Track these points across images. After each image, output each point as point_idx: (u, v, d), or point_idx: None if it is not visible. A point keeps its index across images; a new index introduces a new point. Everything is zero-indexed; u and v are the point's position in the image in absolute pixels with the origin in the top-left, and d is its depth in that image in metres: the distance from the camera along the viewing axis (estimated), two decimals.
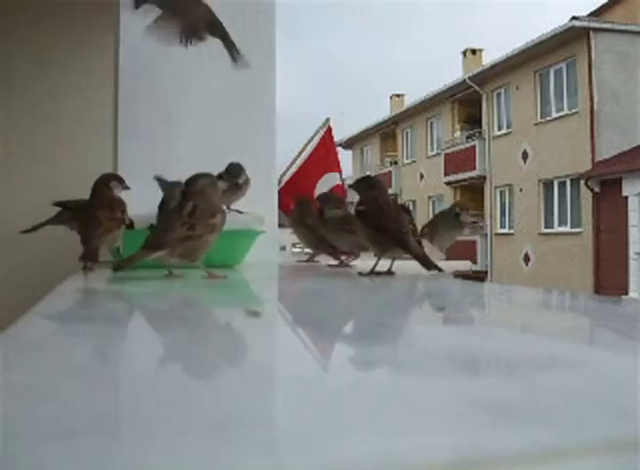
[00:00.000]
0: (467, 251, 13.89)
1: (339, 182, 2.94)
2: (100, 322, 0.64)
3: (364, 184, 1.28)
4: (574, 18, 11.67)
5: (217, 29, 1.47)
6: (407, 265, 1.29)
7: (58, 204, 1.37)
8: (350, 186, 1.36)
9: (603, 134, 11.50)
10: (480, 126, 14.85)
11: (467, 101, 15.43)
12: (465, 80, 14.77)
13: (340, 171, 2.99)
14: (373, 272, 1.18)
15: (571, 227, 12.18)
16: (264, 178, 1.67)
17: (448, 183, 15.65)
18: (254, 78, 1.81)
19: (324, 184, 2.86)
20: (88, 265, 1.18)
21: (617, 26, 11.79)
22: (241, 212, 1.46)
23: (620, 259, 10.83)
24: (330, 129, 2.99)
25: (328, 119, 3.03)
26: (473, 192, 15.19)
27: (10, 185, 2.28)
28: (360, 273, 1.21)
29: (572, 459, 0.24)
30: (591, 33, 11.57)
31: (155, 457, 0.23)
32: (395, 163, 18.90)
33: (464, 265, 2.26)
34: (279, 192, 2.00)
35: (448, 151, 15.59)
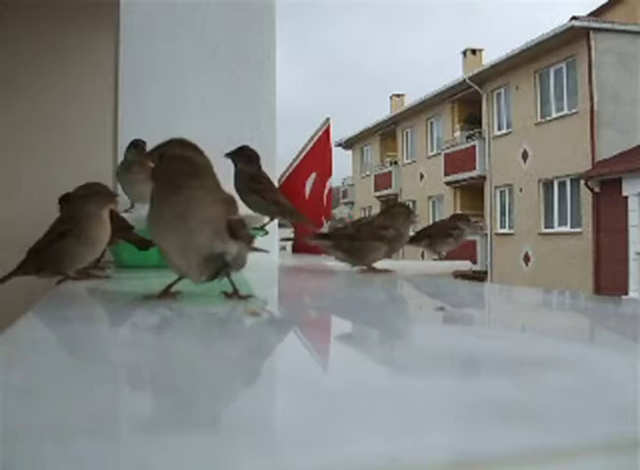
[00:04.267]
0: (467, 251, 13.90)
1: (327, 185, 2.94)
2: (99, 322, 0.64)
3: None
4: (574, 18, 11.67)
5: None
6: (407, 265, 1.29)
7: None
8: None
9: (603, 134, 11.50)
10: (480, 126, 14.85)
11: (467, 101, 15.43)
12: (465, 80, 14.77)
13: (330, 174, 2.98)
14: None
15: (571, 227, 12.18)
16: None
17: (448, 183, 15.65)
18: (255, 78, 1.81)
19: (312, 183, 2.85)
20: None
21: (617, 26, 11.78)
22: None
23: (620, 259, 10.83)
24: (328, 130, 2.99)
25: (328, 119, 3.03)
26: (473, 192, 15.19)
27: (9, 185, 2.28)
28: None
29: (572, 459, 0.24)
30: (591, 33, 11.57)
31: (155, 457, 0.23)
32: (395, 163, 18.89)
33: (464, 265, 2.26)
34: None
35: (448, 151, 15.58)
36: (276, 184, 1.80)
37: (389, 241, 1.26)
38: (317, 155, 2.92)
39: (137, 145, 1.45)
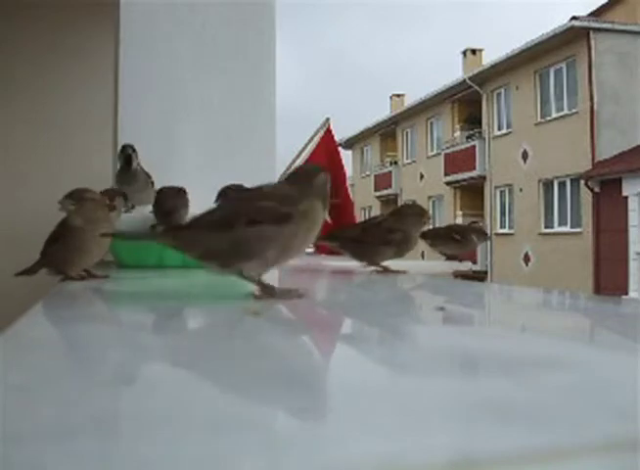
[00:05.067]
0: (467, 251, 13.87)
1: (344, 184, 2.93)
2: (99, 322, 0.64)
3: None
4: (574, 18, 11.67)
5: None
6: (406, 265, 1.29)
7: None
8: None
9: (603, 134, 11.50)
10: (480, 126, 14.85)
11: (467, 101, 15.43)
12: (465, 80, 14.78)
13: (344, 173, 2.97)
14: None
15: (571, 227, 12.18)
16: (264, 178, 1.67)
17: (448, 183, 15.65)
18: (254, 78, 1.81)
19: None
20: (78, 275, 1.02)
21: (617, 26, 11.79)
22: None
23: (620, 259, 10.83)
24: (329, 129, 2.98)
25: (328, 119, 3.02)
26: (473, 192, 15.19)
27: (10, 185, 2.28)
28: None
29: (572, 459, 0.24)
30: (591, 33, 11.57)
31: (155, 457, 0.23)
32: (395, 163, 18.90)
33: (464, 265, 2.26)
34: None
35: (448, 151, 15.59)
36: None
37: (397, 244, 1.23)
38: (324, 155, 2.91)
39: (126, 151, 1.46)
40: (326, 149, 2.92)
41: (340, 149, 3.12)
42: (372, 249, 1.24)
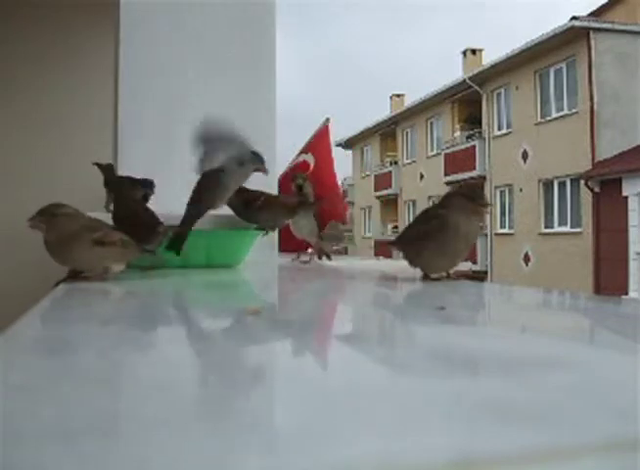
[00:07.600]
0: None
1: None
2: (99, 322, 0.64)
3: None
4: (574, 18, 11.68)
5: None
6: (406, 265, 1.29)
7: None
8: None
9: (603, 134, 11.50)
10: (480, 126, 14.86)
11: (467, 101, 15.44)
12: (465, 80, 14.78)
13: (333, 172, 2.91)
14: None
15: (571, 227, 12.19)
16: (264, 178, 1.67)
17: (448, 183, 15.65)
18: (255, 78, 1.81)
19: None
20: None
21: (617, 26, 11.80)
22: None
23: (620, 259, 10.83)
24: (327, 128, 2.98)
25: (327, 119, 3.02)
26: None
27: (10, 185, 2.28)
28: None
29: (572, 459, 0.24)
30: (591, 33, 11.58)
31: (154, 458, 0.23)
32: (395, 163, 18.90)
33: (464, 265, 2.26)
34: (279, 192, 1.99)
35: (448, 151, 15.59)
36: (276, 185, 1.80)
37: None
38: (317, 154, 2.89)
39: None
40: (320, 148, 2.91)
41: (332, 148, 3.08)
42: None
